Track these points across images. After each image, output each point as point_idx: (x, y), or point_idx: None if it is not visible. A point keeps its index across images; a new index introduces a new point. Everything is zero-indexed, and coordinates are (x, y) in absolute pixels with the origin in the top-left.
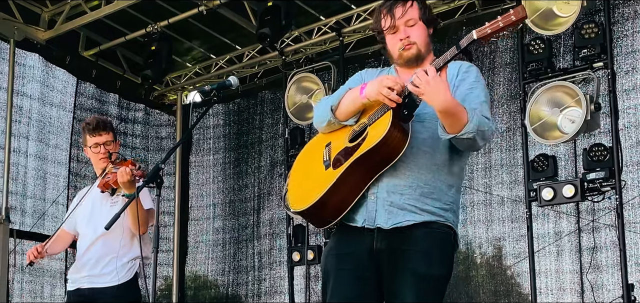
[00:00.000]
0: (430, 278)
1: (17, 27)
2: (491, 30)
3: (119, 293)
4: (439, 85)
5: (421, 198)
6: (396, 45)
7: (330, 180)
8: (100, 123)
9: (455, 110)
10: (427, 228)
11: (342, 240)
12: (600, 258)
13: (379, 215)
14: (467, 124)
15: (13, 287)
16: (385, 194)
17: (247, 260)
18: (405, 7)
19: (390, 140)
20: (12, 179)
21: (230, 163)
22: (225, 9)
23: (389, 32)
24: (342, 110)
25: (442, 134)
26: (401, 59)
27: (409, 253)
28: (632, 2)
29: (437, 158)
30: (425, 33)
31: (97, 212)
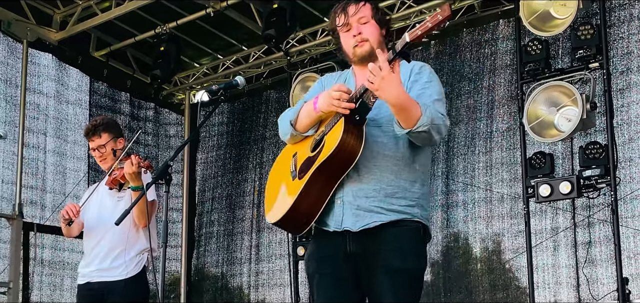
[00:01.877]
0: (405, 273)
1: (30, 28)
2: (421, 31)
3: (128, 287)
4: (393, 79)
5: (386, 199)
6: (350, 42)
7: (297, 190)
8: (90, 129)
9: (408, 104)
10: (396, 227)
11: (319, 244)
12: (595, 253)
13: (346, 219)
14: (420, 118)
15: (33, 280)
16: (351, 198)
17: (242, 252)
18: (358, 6)
19: (345, 147)
20: (31, 174)
21: (231, 159)
22: (232, 11)
23: (343, 29)
24: (300, 124)
25: (398, 129)
26: (355, 56)
27: (382, 253)
28: (628, 6)
29: (398, 158)
30: (377, 32)
31: (104, 208)
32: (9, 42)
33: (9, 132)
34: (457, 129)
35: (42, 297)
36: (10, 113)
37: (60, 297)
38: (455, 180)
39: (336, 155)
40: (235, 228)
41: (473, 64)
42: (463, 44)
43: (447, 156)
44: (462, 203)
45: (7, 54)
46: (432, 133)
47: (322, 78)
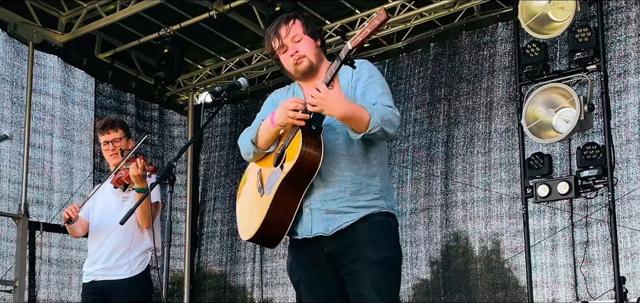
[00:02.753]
0: (382, 262)
1: (36, 30)
2: (362, 37)
3: (132, 286)
4: (332, 97)
5: (352, 198)
6: (289, 61)
7: (267, 205)
8: (109, 122)
9: (354, 114)
10: (367, 221)
11: (298, 252)
12: (592, 253)
13: (316, 225)
14: (370, 120)
15: (39, 279)
16: (319, 204)
17: (245, 252)
18: (288, 25)
19: (306, 157)
20: (38, 174)
21: (234, 160)
22: (235, 14)
23: (280, 52)
24: (261, 140)
25: (353, 135)
26: (297, 73)
27: (359, 247)
28: (625, 9)
29: (355, 156)
30: (312, 45)
31: (109, 207)
32: (15, 44)
33: (15, 132)
34: (456, 130)
35: (50, 295)
36: (16, 114)
37: (68, 295)
38: (454, 180)
39: (298, 167)
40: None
41: (472, 66)
42: (462, 46)
43: (446, 156)
44: (461, 203)
45: (13, 55)
46: (385, 130)
47: (272, 94)
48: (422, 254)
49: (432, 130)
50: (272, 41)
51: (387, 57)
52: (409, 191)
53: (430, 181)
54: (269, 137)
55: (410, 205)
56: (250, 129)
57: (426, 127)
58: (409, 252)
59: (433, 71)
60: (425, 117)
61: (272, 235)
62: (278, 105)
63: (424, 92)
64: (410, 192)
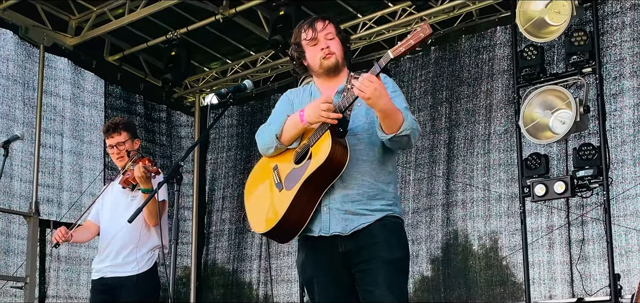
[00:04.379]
0: (394, 262)
1: (46, 33)
2: (404, 49)
3: (140, 283)
4: (381, 89)
5: (369, 202)
6: (317, 55)
7: (288, 200)
8: (112, 126)
9: (393, 111)
10: (381, 223)
11: (312, 250)
12: (588, 250)
13: (333, 224)
14: (403, 123)
15: (49, 275)
16: (339, 204)
17: (252, 250)
18: (324, 23)
19: (334, 157)
20: (48, 173)
21: (242, 160)
22: (241, 18)
23: (310, 43)
24: (285, 137)
25: (382, 135)
26: (321, 68)
27: (372, 247)
28: (620, 14)
29: (375, 163)
30: (341, 47)
31: (118, 206)
32: (27, 46)
33: (26, 133)
34: (457, 132)
35: (59, 291)
36: (28, 115)
37: (76, 292)
38: (455, 180)
39: (326, 165)
40: (247, 226)
41: (472, 69)
42: (462, 49)
43: (448, 157)
44: (461, 202)
45: (24, 58)
46: (410, 137)
47: (287, 92)
48: (423, 252)
49: (435, 132)
50: (305, 31)
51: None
52: (411, 191)
53: (432, 181)
54: (295, 134)
55: (412, 204)
56: (272, 124)
57: (429, 130)
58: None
59: (434, 74)
60: (428, 119)
61: (288, 231)
62: (294, 104)
63: (426, 95)
64: (412, 192)
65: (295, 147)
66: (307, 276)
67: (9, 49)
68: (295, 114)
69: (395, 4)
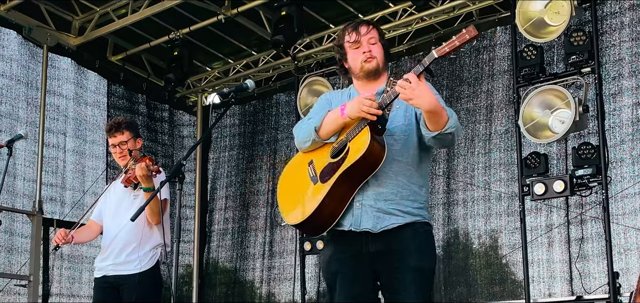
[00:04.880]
0: (423, 272)
1: (50, 33)
2: (449, 49)
3: (142, 281)
4: (425, 88)
5: (402, 202)
6: (358, 58)
7: (322, 193)
8: (114, 125)
9: (439, 109)
10: (412, 229)
11: (339, 245)
12: (587, 249)
13: (365, 220)
14: (449, 121)
15: (53, 273)
16: (372, 201)
17: (255, 248)
18: (368, 27)
19: (372, 153)
20: (51, 173)
21: (244, 160)
22: (243, 18)
23: (353, 46)
24: (324, 130)
25: (427, 133)
26: (362, 71)
27: (403, 253)
28: (619, 14)
29: (409, 164)
30: (383, 53)
31: (120, 205)
32: (30, 46)
33: (30, 132)
34: None
35: (62, 289)
36: (31, 114)
37: (79, 290)
38: (456, 179)
39: (363, 160)
40: (250, 226)
41: (472, 69)
42: (462, 50)
43: (448, 157)
44: (462, 201)
45: (28, 58)
46: (453, 134)
47: (326, 93)
48: None
49: None
50: (348, 34)
51: (390, 60)
52: None
53: (433, 180)
54: (334, 128)
55: None
56: (311, 119)
57: None
58: None
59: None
60: None
61: (320, 224)
62: (332, 102)
63: None
64: None
65: (333, 142)
66: (331, 271)
67: (13, 49)
68: (335, 109)
69: (396, 4)
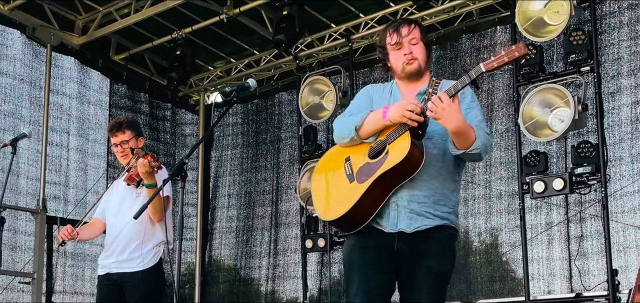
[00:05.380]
0: (441, 274)
1: (54, 33)
2: (497, 64)
3: (145, 278)
4: (453, 110)
5: (434, 205)
6: (400, 60)
7: (358, 193)
8: (116, 125)
9: (465, 131)
10: (439, 232)
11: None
12: (587, 247)
13: (401, 221)
14: (475, 142)
15: (56, 271)
16: (406, 203)
17: (261, 247)
18: (410, 27)
19: (412, 158)
20: (55, 171)
21: (248, 159)
22: (244, 17)
23: (395, 48)
24: (365, 130)
25: (453, 150)
26: (404, 73)
27: (426, 254)
28: (618, 14)
29: (444, 169)
30: (425, 52)
31: (123, 203)
32: (34, 46)
33: (34, 131)
34: None
35: (65, 286)
36: (35, 113)
37: (81, 287)
38: None
39: (403, 165)
40: (255, 224)
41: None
42: (463, 49)
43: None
44: (463, 199)
45: (32, 57)
46: (482, 154)
47: (367, 87)
48: None
49: None
50: (390, 35)
51: None
52: None
53: None
54: (375, 129)
55: None
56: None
57: None
58: None
59: (435, 73)
60: None
61: (354, 222)
62: (374, 99)
63: None
64: None
65: (371, 142)
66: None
67: (17, 49)
68: (378, 111)
69: (397, 3)
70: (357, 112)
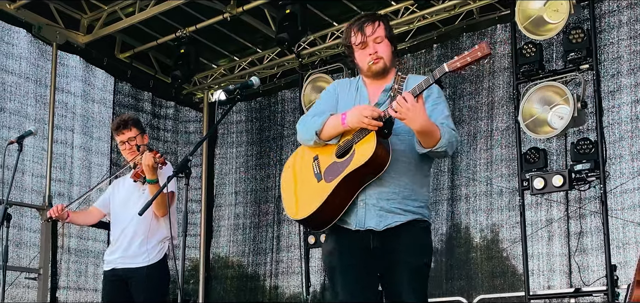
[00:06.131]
0: (420, 268)
1: (59, 31)
2: (460, 64)
3: (150, 273)
4: (418, 110)
5: (404, 201)
6: (365, 60)
7: (326, 192)
8: (121, 123)
9: (430, 130)
10: (412, 227)
11: (340, 240)
12: (586, 243)
13: (369, 219)
14: (440, 140)
15: (60, 267)
16: (374, 201)
17: (265, 243)
18: (374, 25)
19: (377, 158)
20: (59, 168)
21: (253, 156)
22: (248, 16)
23: (359, 47)
24: (325, 134)
25: (419, 148)
26: (369, 72)
27: (402, 250)
28: (617, 13)
29: (412, 164)
30: (390, 49)
31: (129, 199)
32: (40, 45)
33: (39, 129)
34: (460, 128)
35: (69, 282)
36: (40, 111)
37: (85, 282)
38: (459, 175)
39: (369, 164)
40: (260, 221)
41: (473, 67)
42: (464, 47)
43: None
44: (464, 196)
45: (37, 56)
46: (447, 151)
47: (334, 83)
48: None
49: None
50: (355, 35)
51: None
52: None
53: (437, 177)
54: (335, 134)
55: None
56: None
57: None
58: None
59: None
60: None
61: (322, 221)
62: (340, 96)
63: None
64: None
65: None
66: (333, 262)
67: (23, 47)
68: (337, 116)
69: (398, 2)
70: (320, 113)
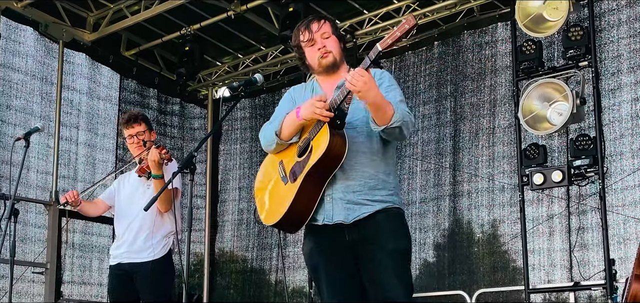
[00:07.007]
0: (398, 252)
1: (66, 29)
2: (391, 40)
3: (155, 268)
4: (371, 82)
5: (371, 192)
6: (315, 55)
7: (292, 192)
8: (132, 116)
9: (383, 103)
10: (385, 214)
11: (319, 238)
12: (587, 238)
13: (336, 213)
14: (393, 115)
15: (65, 262)
16: (341, 194)
17: (271, 238)
18: (320, 23)
19: (333, 148)
20: (64, 165)
21: (257, 152)
22: (251, 14)
23: (308, 44)
24: (284, 133)
25: (374, 127)
26: (320, 67)
27: (377, 237)
28: (616, 11)
29: (374, 154)
30: (338, 45)
31: (134, 194)
32: (46, 42)
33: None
34: (463, 125)
35: (74, 277)
36: (46, 108)
37: (89, 277)
38: (461, 171)
39: (326, 156)
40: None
41: (475, 64)
42: (465, 45)
43: (454, 150)
44: (466, 192)
45: (44, 53)
46: (402, 128)
47: (290, 90)
48: (430, 240)
49: (440, 125)
50: (302, 33)
51: (394, 55)
52: (418, 181)
53: (439, 173)
54: (293, 130)
55: (420, 194)
56: (272, 123)
57: (434, 122)
58: (418, 237)
59: (438, 69)
60: (433, 113)
61: (295, 221)
62: (297, 101)
63: (430, 89)
64: (419, 183)
65: (297, 142)
66: (313, 262)
67: (29, 45)
68: (292, 112)
69: (399, 0)
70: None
